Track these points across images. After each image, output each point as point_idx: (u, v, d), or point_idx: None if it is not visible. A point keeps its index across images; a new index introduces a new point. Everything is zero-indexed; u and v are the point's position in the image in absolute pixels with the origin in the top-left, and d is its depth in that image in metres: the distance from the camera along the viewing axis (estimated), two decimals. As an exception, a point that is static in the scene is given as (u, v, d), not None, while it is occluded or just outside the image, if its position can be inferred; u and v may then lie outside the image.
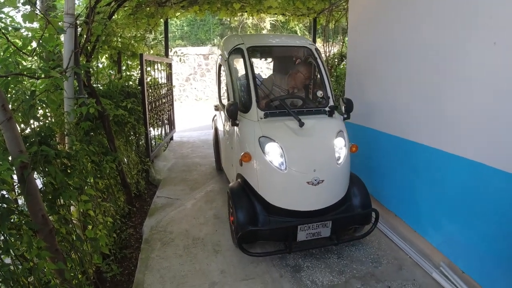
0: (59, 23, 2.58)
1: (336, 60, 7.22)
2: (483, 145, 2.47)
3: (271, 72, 4.85)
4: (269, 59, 4.91)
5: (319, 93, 3.38)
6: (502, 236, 2.34)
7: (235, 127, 3.32)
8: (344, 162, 3.07)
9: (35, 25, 2.94)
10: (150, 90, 5.56)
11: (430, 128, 3.04)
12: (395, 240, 3.33)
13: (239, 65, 3.73)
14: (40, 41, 2.44)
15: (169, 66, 7.12)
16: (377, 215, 3.10)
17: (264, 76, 4.69)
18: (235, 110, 3.08)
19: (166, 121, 7.04)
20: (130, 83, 4.90)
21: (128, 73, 5.08)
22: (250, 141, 3.06)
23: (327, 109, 3.33)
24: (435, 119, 2.97)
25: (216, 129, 5.11)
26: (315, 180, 2.85)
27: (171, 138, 7.70)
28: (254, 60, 3.75)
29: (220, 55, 4.10)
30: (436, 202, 3.00)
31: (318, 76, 3.62)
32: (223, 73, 4.09)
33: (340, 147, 3.09)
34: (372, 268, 2.97)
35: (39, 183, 2.18)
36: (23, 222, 1.95)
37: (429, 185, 3.09)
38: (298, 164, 2.91)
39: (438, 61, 2.88)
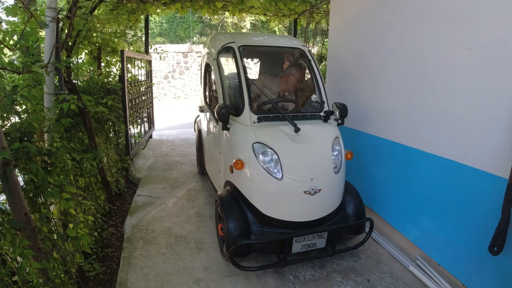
0: (42, 17, 2.53)
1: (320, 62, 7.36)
2: (455, 143, 2.60)
3: (256, 73, 4.72)
4: (256, 60, 4.73)
5: (314, 97, 3.29)
6: (474, 229, 2.47)
7: (225, 131, 3.14)
8: (341, 170, 2.98)
9: (16, 19, 2.85)
10: (130, 87, 5.49)
11: (406, 127, 3.17)
12: (374, 235, 3.44)
13: (229, 64, 3.59)
14: (22, 35, 2.38)
15: (149, 63, 7.04)
16: (371, 224, 3.02)
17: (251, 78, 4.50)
18: (226, 114, 2.91)
19: (145, 119, 6.96)
20: (110, 79, 4.81)
21: (107, 70, 4.99)
22: (242, 147, 2.89)
23: (322, 114, 3.23)
24: (410, 119, 3.09)
25: (199, 132, 4.84)
26: (313, 189, 2.73)
27: (150, 137, 7.61)
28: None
29: (207, 53, 3.89)
30: (412, 198, 3.13)
31: (312, 79, 3.47)
32: (210, 73, 3.94)
33: (337, 154, 3.00)
34: (351, 262, 3.06)
35: (20, 180, 2.14)
36: (6, 220, 1.91)
37: (405, 182, 3.22)
38: (295, 172, 2.77)
39: (415, 64, 3.01)
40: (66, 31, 3.02)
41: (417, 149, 3.02)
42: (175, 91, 16.86)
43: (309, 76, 3.60)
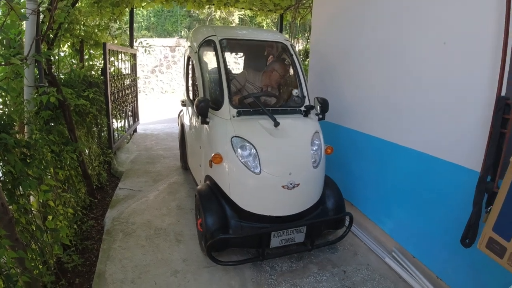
0: (22, 10, 2.53)
1: (302, 56, 7.42)
2: (429, 137, 2.68)
3: (239, 67, 4.81)
4: (241, 54, 4.68)
5: (295, 92, 3.28)
6: (447, 222, 2.53)
7: (205, 125, 3.13)
8: (320, 164, 2.99)
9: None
10: (114, 81, 5.48)
11: (382, 121, 3.25)
12: (352, 228, 3.46)
13: (210, 58, 3.54)
14: (2, 28, 2.38)
15: (134, 56, 7.01)
16: (351, 218, 3.05)
17: (233, 72, 4.36)
18: (205, 107, 2.90)
19: (129, 113, 6.94)
20: (93, 72, 4.80)
21: (90, 63, 4.97)
22: (221, 141, 2.88)
23: (302, 108, 3.24)
24: (387, 113, 3.18)
25: (182, 126, 4.82)
26: (291, 184, 2.74)
27: (135, 131, 7.60)
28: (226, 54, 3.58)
29: (189, 46, 3.86)
30: (388, 191, 3.22)
31: (294, 74, 3.49)
32: (192, 67, 3.92)
33: (317, 149, 3.00)
34: (328, 254, 3.14)
35: (-2, 172, 2.17)
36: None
37: (382, 175, 3.30)
38: (273, 167, 2.77)
39: (392, 59, 3.09)
40: (47, 24, 3.01)
41: (393, 142, 3.10)
42: (163, 86, 16.76)
43: (292, 71, 3.62)
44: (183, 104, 4.51)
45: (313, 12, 4.71)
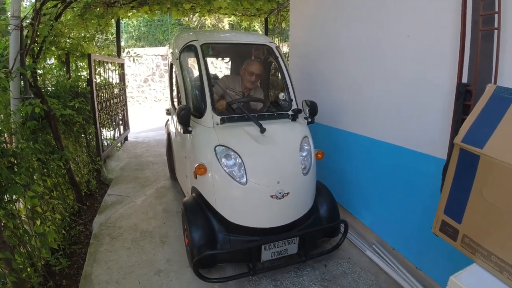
0: (6, 26, 2.68)
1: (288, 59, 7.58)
2: (399, 129, 2.75)
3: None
4: (227, 59, 4.52)
5: (282, 96, 3.17)
6: (420, 212, 2.57)
7: (188, 134, 3.02)
8: (311, 171, 2.87)
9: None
10: (101, 90, 5.59)
11: (357, 117, 3.35)
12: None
13: (192, 64, 3.45)
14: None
15: (121, 66, 7.15)
16: (346, 226, 2.95)
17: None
18: (186, 115, 2.77)
19: (120, 122, 7.06)
20: (80, 83, 4.93)
21: (78, 74, 5.11)
22: (205, 151, 2.75)
23: (290, 112, 3.10)
24: (361, 109, 3.27)
25: (169, 135, 4.66)
26: (280, 193, 2.60)
27: (126, 139, 7.71)
28: (212, 60, 3.44)
29: (171, 53, 3.69)
30: (366, 185, 3.30)
31: (280, 77, 3.36)
32: (174, 73, 3.74)
33: (306, 155, 2.88)
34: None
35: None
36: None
37: (360, 169, 3.39)
38: (260, 176, 2.63)
39: (363, 56, 3.18)
40: (31, 38, 3.16)
41: (367, 136, 3.15)
42: (156, 94, 16.86)
43: (273, 72, 3.60)
44: (168, 113, 4.42)
45: (290, 15, 4.79)
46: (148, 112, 13.63)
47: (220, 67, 14.37)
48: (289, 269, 2.92)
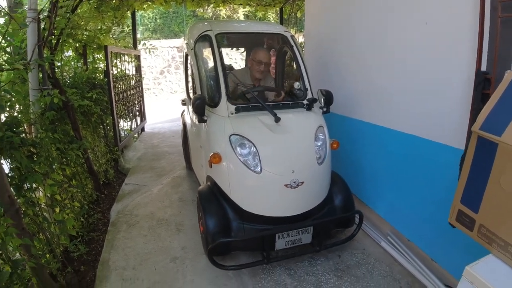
0: (24, 19, 2.73)
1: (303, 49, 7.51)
2: (415, 119, 2.69)
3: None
4: (242, 49, 4.51)
5: (296, 85, 3.13)
6: (436, 203, 2.51)
7: (203, 124, 3.01)
8: (326, 160, 2.85)
9: (1, 20, 3.06)
10: (117, 82, 5.67)
11: (371, 106, 3.29)
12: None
13: (207, 54, 3.45)
14: (5, 36, 2.58)
15: (138, 58, 7.22)
16: (361, 216, 2.91)
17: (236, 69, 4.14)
18: (201, 105, 2.77)
19: (136, 113, 7.16)
20: (97, 74, 5.01)
21: (95, 65, 5.19)
22: (219, 140, 2.76)
23: (305, 102, 3.08)
24: (376, 98, 3.21)
25: (184, 125, 4.70)
26: (294, 182, 2.59)
27: (143, 129, 7.81)
28: (227, 50, 3.36)
29: (186, 43, 3.73)
30: (382, 175, 3.24)
31: (295, 65, 3.31)
32: (189, 64, 3.75)
33: (321, 144, 2.86)
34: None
35: (6, 168, 2.37)
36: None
37: (375, 159, 3.33)
38: (275, 165, 2.63)
39: (379, 44, 3.11)
40: (47, 30, 3.22)
41: (383, 126, 3.10)
42: (172, 86, 16.99)
43: (288, 62, 3.55)
44: (183, 103, 4.46)
45: (306, 4, 4.73)
46: (164, 103, 13.76)
47: (235, 58, 14.33)
48: (303, 258, 2.92)
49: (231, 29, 3.60)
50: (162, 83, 16.83)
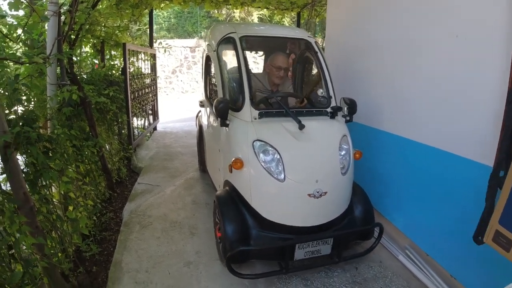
0: (45, 12, 2.68)
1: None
2: (441, 132, 2.62)
3: (258, 67, 4.54)
4: (260, 53, 4.41)
5: (320, 92, 3.07)
6: (460, 219, 2.46)
7: (224, 127, 2.93)
8: (349, 171, 2.79)
9: (21, 12, 3.02)
10: (133, 80, 5.64)
11: (393, 116, 3.22)
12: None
13: (229, 57, 3.41)
14: (25, 28, 2.53)
15: (153, 56, 7.19)
16: (381, 229, 2.83)
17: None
18: (225, 108, 2.70)
19: (149, 111, 7.13)
20: (113, 72, 4.98)
21: (111, 62, 5.16)
22: (242, 145, 2.70)
23: (329, 110, 3.01)
24: (398, 109, 3.14)
25: (200, 127, 4.61)
26: (317, 192, 2.52)
27: (155, 128, 7.78)
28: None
29: (207, 45, 3.65)
30: (400, 187, 3.16)
31: (319, 72, 3.23)
32: (210, 66, 3.75)
33: (345, 154, 2.79)
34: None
35: (22, 164, 2.30)
36: (5, 198, 2.07)
37: (394, 171, 3.26)
38: (299, 173, 2.57)
39: (407, 55, 3.03)
40: (68, 25, 3.17)
41: (403, 137, 3.04)
42: (183, 86, 17.03)
43: (309, 67, 3.49)
44: (202, 105, 4.34)
45: (328, 10, 4.68)
46: (175, 103, 13.79)
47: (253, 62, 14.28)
48: (320, 269, 2.85)
49: (255, 32, 3.54)
50: (174, 82, 16.88)
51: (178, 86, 16.99)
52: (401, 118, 3.13)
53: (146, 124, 6.83)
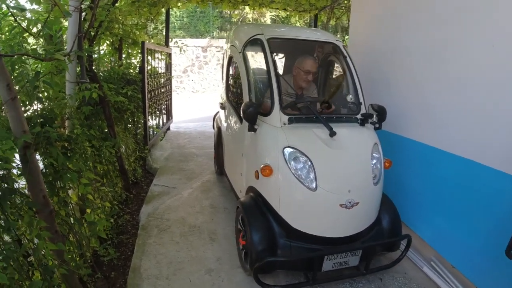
0: (65, 7, 2.58)
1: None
2: (473, 142, 2.54)
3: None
4: (281, 55, 4.26)
5: (349, 98, 2.99)
6: (490, 232, 2.40)
7: (249, 132, 2.82)
8: (380, 181, 2.71)
9: (39, 7, 2.93)
10: (150, 79, 5.57)
11: (421, 124, 3.12)
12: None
13: (255, 59, 3.32)
14: (46, 24, 2.44)
15: (169, 56, 7.12)
16: (409, 241, 2.75)
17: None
18: (254, 113, 2.60)
19: (164, 111, 7.06)
20: (131, 70, 4.90)
21: (128, 61, 5.08)
22: (271, 152, 2.60)
23: (359, 117, 2.93)
24: (426, 116, 3.04)
25: (219, 130, 4.46)
26: (349, 202, 2.44)
27: (168, 128, 7.70)
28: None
29: (231, 46, 3.55)
30: (427, 197, 3.07)
31: (347, 77, 3.14)
32: (234, 68, 3.63)
33: (376, 162, 2.70)
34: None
35: (40, 165, 2.20)
36: (24, 202, 1.97)
37: (421, 180, 3.15)
38: (331, 182, 2.48)
39: (436, 62, 2.95)
40: (89, 21, 3.08)
41: (434, 147, 2.95)
42: (194, 85, 17.01)
43: (335, 72, 3.40)
44: (222, 107, 4.21)
45: (351, 14, 4.57)
46: (186, 102, 13.72)
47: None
48: (344, 280, 2.75)
49: (282, 34, 3.42)
50: (185, 81, 16.87)
51: (189, 86, 16.97)
52: (429, 126, 3.02)
53: (161, 124, 6.74)
